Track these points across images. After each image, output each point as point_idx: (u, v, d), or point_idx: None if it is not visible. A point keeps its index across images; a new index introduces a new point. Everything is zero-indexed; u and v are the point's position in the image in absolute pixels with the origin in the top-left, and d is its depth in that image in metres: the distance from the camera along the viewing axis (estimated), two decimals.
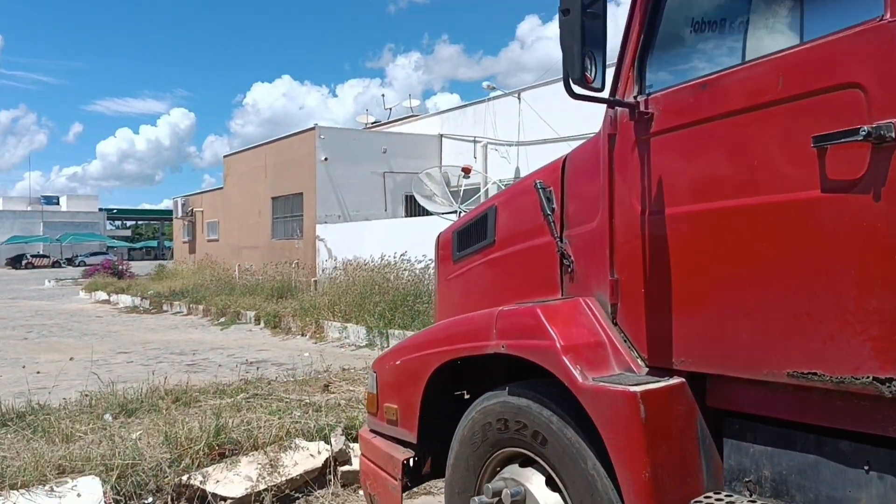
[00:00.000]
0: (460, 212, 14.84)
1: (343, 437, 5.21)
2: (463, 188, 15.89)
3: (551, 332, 2.66)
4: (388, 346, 12.43)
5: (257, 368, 9.45)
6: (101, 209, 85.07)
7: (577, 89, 2.43)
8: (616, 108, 2.71)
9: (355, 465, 5.09)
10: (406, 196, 22.95)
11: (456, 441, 3.18)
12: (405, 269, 15.06)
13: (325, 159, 22.30)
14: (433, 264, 14.03)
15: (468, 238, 3.84)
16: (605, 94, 2.64)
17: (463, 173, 16.30)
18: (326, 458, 5.02)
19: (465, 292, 3.84)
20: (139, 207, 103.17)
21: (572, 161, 3.11)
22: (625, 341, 2.69)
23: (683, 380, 2.46)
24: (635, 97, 2.64)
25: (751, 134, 2.22)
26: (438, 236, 4.27)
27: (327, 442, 5.16)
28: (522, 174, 20.36)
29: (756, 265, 2.20)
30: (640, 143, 2.61)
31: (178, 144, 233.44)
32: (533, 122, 19.84)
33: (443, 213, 15.15)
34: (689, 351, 2.44)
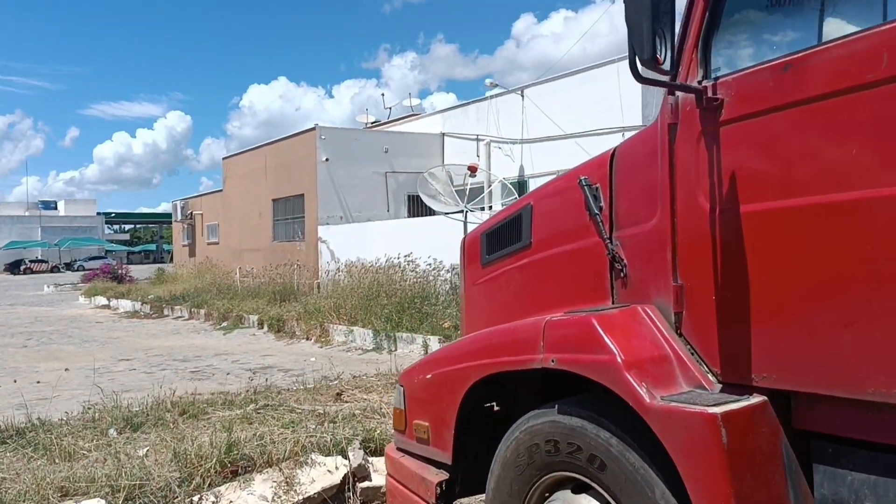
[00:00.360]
0: (466, 211, 14.56)
1: (361, 452, 4.93)
2: (469, 187, 15.61)
3: (610, 344, 2.39)
4: (395, 350, 12.18)
5: (265, 377, 9.18)
6: (99, 213, 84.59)
7: (645, 72, 2.15)
8: (678, 95, 2.43)
9: (375, 481, 4.82)
10: (408, 196, 22.68)
11: (497, 463, 2.90)
12: (411, 271, 14.77)
13: (326, 160, 22.02)
14: (450, 267, 13.53)
15: (499, 240, 3.56)
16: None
17: (469, 172, 16.01)
18: (345, 474, 4.73)
19: (497, 298, 3.57)
20: (137, 211, 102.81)
21: (622, 155, 2.83)
22: (692, 354, 2.42)
23: (766, 398, 2.19)
24: (699, 82, 2.36)
25: (849, 120, 1.95)
26: (464, 239, 4.00)
27: (345, 456, 4.88)
28: (527, 172, 20.10)
29: (859, 268, 1.92)
30: (708, 133, 2.33)
31: (174, 148, 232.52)
32: (537, 120, 19.57)
33: (449, 213, 14.85)
34: (772, 366, 2.17)
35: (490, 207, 17.21)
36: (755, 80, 2.19)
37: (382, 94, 47.46)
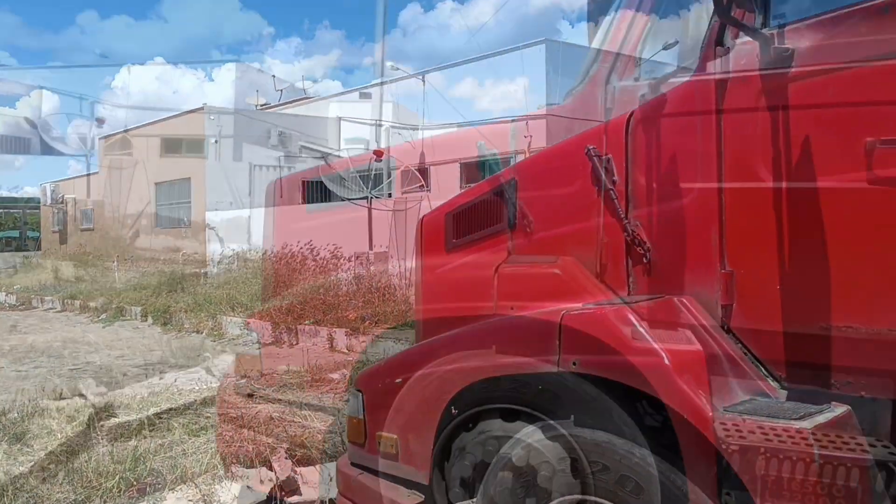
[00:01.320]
0: (371, 197, 14.00)
1: (289, 462, 4.36)
2: (374, 173, 15.03)
3: (653, 344, 1.97)
4: (297, 343, 11.50)
5: (156, 374, 8.35)
6: None
7: (734, 10, 1.74)
8: (729, 46, 2.04)
9: (306, 494, 4.26)
10: (303, 182, 21.82)
11: (489, 484, 2.44)
12: (312, 260, 14.06)
13: (216, 142, 20.85)
14: (353, 256, 12.72)
15: (471, 221, 3.09)
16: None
17: (374, 157, 15.43)
18: (271, 489, 4.16)
19: (469, 288, 3.10)
20: None
21: (642, 119, 2.42)
22: (745, 354, 2.04)
23: (849, 407, 1.83)
24: (759, 29, 1.98)
25: None
26: (422, 219, 3.50)
27: (270, 468, 4.30)
28: (427, 159, 19.68)
29: None
30: (771, 90, 1.95)
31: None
32: (438, 106, 19.19)
33: (354, 199, 14.24)
34: (858, 370, 1.81)
35: (390, 195, 16.68)
36: (841, 27, 1.82)
37: (273, 76, 45.58)
